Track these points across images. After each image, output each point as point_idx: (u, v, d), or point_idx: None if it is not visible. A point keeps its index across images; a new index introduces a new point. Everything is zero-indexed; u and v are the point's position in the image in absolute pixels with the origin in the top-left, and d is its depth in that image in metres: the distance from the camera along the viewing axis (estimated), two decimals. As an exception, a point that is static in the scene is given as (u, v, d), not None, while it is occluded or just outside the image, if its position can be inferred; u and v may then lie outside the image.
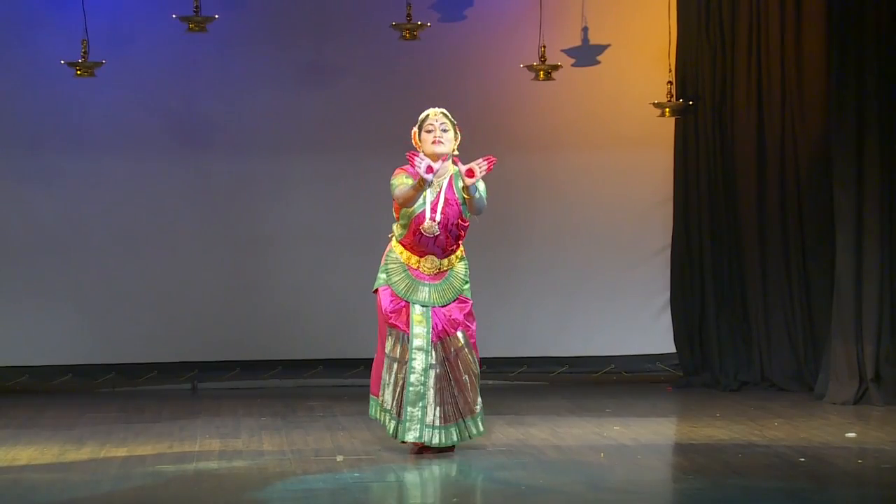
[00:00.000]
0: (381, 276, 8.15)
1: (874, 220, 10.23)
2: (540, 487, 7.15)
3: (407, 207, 7.99)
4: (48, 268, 11.36)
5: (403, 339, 7.97)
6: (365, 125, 11.58)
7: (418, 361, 7.93)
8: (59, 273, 11.37)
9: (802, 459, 7.79)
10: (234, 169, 11.54)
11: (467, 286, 8.16)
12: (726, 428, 9.02)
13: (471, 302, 8.15)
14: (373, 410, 8.16)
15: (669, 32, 11.41)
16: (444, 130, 8.14)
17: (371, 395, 8.19)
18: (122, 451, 8.24)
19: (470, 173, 7.87)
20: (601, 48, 11.58)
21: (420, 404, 7.91)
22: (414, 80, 11.59)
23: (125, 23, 11.28)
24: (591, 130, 11.72)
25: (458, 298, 8.10)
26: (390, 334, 8.01)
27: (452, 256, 8.14)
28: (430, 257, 8.08)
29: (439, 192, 8.04)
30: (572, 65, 11.50)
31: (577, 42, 11.56)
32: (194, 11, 10.42)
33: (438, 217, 7.98)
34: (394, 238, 8.16)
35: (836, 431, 8.82)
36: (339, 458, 7.95)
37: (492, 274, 11.40)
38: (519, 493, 7.03)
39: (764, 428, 9.01)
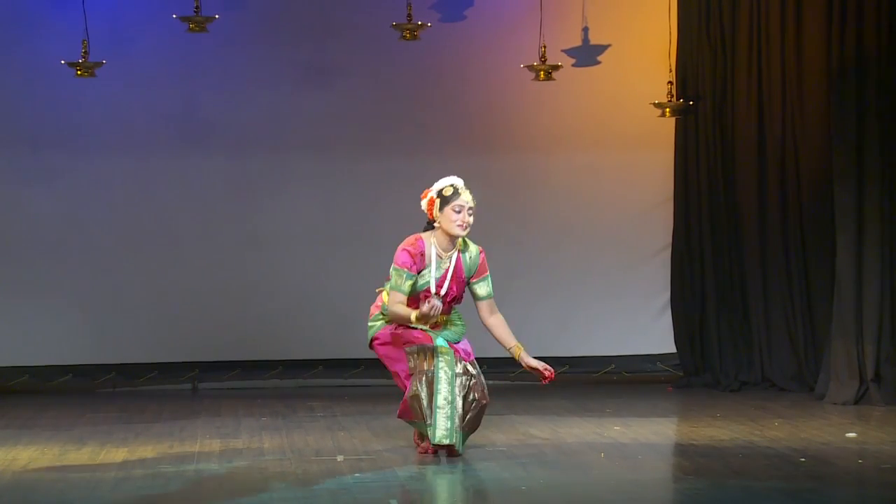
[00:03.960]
0: (376, 323, 8.14)
1: (874, 220, 10.24)
2: (540, 487, 7.15)
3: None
4: (48, 268, 11.36)
5: (425, 348, 7.92)
6: (365, 125, 11.58)
7: (444, 369, 7.86)
8: (59, 273, 11.37)
9: (803, 459, 7.79)
10: (234, 169, 11.54)
11: (464, 328, 8.17)
12: (727, 428, 9.02)
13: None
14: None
15: (669, 32, 11.41)
16: (471, 214, 7.98)
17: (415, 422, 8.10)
18: (122, 451, 8.24)
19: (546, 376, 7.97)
20: (601, 48, 11.58)
21: (448, 409, 7.85)
22: (414, 80, 11.59)
23: (125, 23, 11.28)
24: (592, 130, 11.72)
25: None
26: (411, 352, 7.95)
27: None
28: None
29: (446, 271, 8.01)
30: (573, 65, 11.50)
31: (578, 42, 11.56)
32: (194, 11, 10.42)
33: (444, 291, 8.00)
34: (384, 293, 8.12)
35: (837, 431, 8.82)
36: (340, 458, 7.95)
37: (492, 274, 11.39)
38: (519, 493, 7.03)
39: (764, 428, 9.01)
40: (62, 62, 10.66)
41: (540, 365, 8.03)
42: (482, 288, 8.13)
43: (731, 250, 11.37)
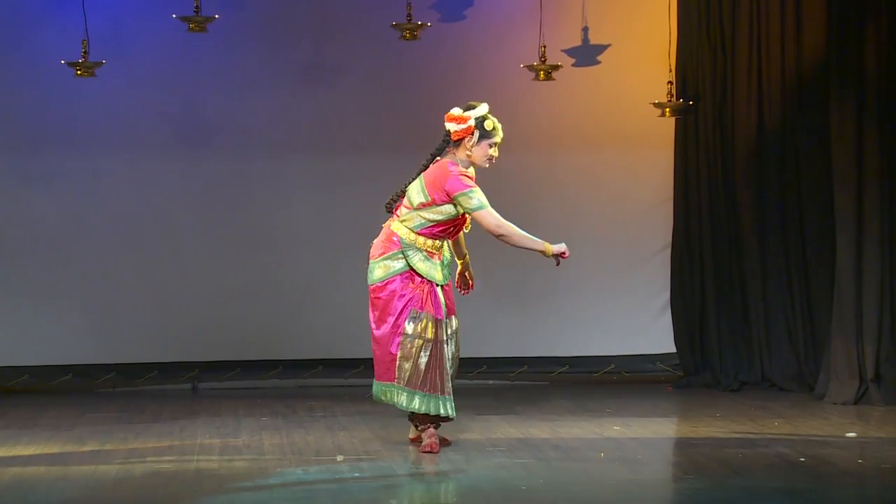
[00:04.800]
0: (394, 263, 8.18)
1: (874, 220, 10.24)
2: (540, 487, 7.15)
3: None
4: (48, 267, 11.36)
5: (435, 319, 8.07)
6: (365, 125, 11.58)
7: (452, 349, 8.21)
8: (59, 273, 11.37)
9: (803, 459, 7.79)
10: (234, 169, 11.54)
11: (451, 260, 8.45)
12: (726, 428, 9.03)
13: None
14: (390, 396, 8.16)
15: (669, 32, 11.41)
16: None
17: (384, 383, 8.17)
18: (122, 451, 8.24)
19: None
20: (601, 48, 11.58)
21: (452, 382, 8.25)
22: (414, 80, 11.59)
23: (125, 23, 11.28)
24: (592, 130, 11.72)
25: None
26: (418, 318, 8.06)
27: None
28: (439, 240, 8.27)
29: None
30: (572, 65, 11.50)
31: (578, 42, 11.56)
32: (194, 11, 10.42)
33: None
34: (399, 227, 8.18)
35: (837, 431, 8.82)
36: (340, 457, 7.96)
37: (492, 274, 11.40)
38: (519, 493, 7.03)
39: (764, 428, 9.01)
40: (62, 62, 10.65)
41: (471, 279, 8.51)
42: None
43: (731, 250, 11.36)
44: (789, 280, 11.10)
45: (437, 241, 8.23)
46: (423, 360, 8.06)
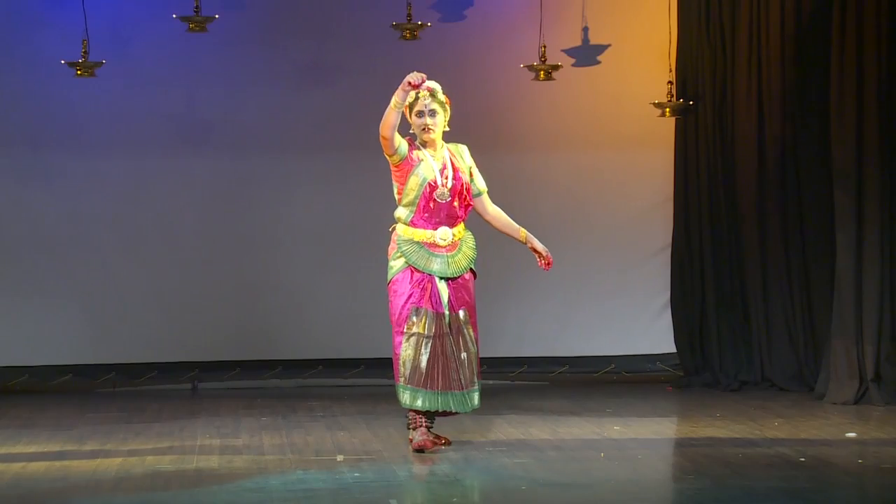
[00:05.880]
0: (395, 263, 8.20)
1: (874, 220, 10.24)
2: (540, 487, 7.15)
3: (393, 155, 8.19)
4: (48, 267, 11.36)
5: (435, 314, 8.05)
6: (365, 125, 11.50)
7: (464, 336, 8.15)
8: (59, 273, 11.37)
9: (803, 459, 7.79)
10: (234, 169, 11.54)
11: (475, 255, 8.34)
12: (726, 428, 9.02)
13: (474, 277, 8.35)
14: (399, 396, 8.15)
15: (669, 32, 11.41)
16: (433, 114, 8.26)
17: (396, 384, 8.16)
18: (122, 451, 8.24)
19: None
20: (601, 48, 11.58)
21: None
22: (414, 80, 11.58)
23: (125, 23, 11.28)
24: (591, 130, 11.72)
25: (469, 269, 8.28)
26: (417, 314, 8.05)
27: (461, 225, 8.30)
28: (443, 228, 8.19)
29: (444, 164, 8.24)
30: (572, 65, 11.50)
31: (578, 42, 11.56)
32: (194, 11, 10.42)
33: (450, 183, 8.19)
34: (398, 225, 8.22)
35: (837, 431, 8.82)
36: (340, 457, 7.96)
37: (492, 274, 11.39)
38: (519, 493, 7.03)
39: (764, 428, 9.01)
40: (62, 62, 10.66)
41: (543, 250, 8.51)
42: (479, 183, 8.42)
43: (731, 250, 11.37)
44: (789, 280, 11.10)
45: (442, 230, 8.16)
46: (425, 356, 8.04)
